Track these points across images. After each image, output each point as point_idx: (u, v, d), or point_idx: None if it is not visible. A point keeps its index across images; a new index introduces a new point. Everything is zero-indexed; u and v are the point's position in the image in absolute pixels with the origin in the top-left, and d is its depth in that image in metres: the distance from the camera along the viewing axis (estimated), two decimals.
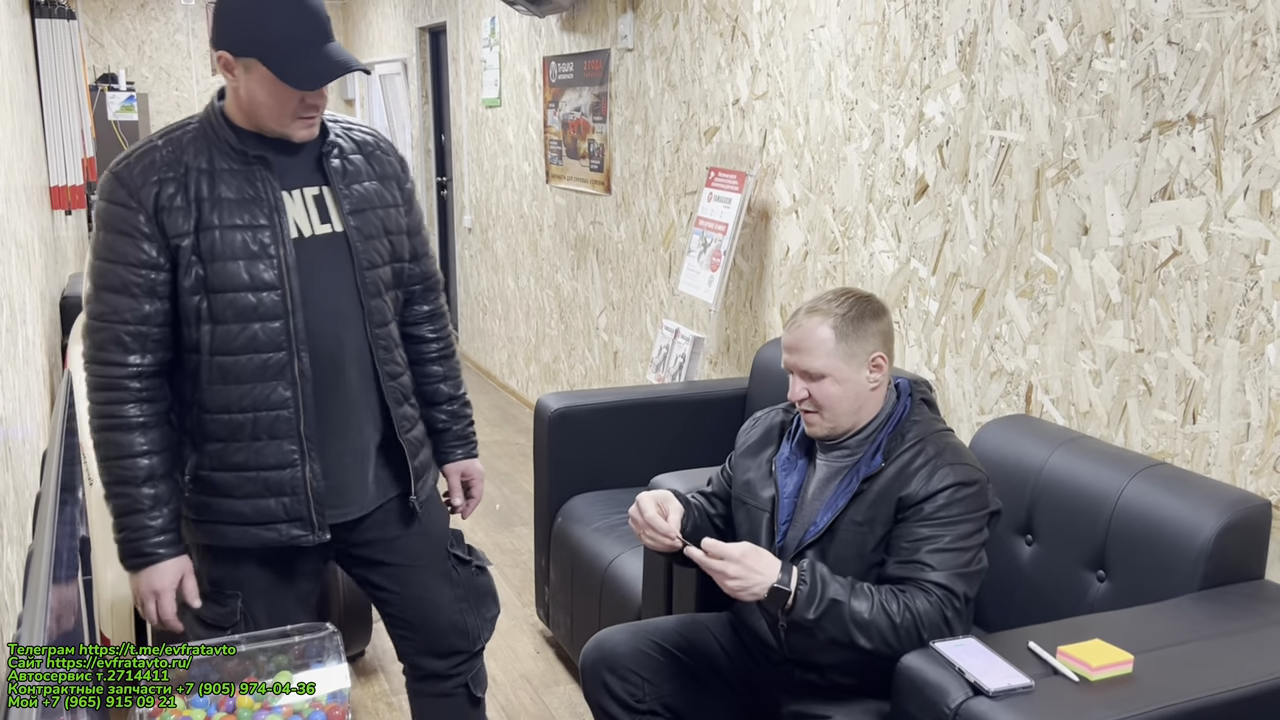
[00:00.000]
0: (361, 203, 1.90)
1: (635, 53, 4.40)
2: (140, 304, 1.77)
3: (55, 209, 5.47)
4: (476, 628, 2.15)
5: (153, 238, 1.75)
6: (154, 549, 1.82)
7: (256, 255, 1.78)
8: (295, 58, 1.73)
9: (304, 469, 1.86)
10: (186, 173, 1.77)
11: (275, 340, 1.81)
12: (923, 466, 1.84)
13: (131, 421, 1.79)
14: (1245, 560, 1.90)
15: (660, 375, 3.84)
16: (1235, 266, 2.01)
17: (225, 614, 1.93)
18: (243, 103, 1.79)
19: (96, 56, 10.05)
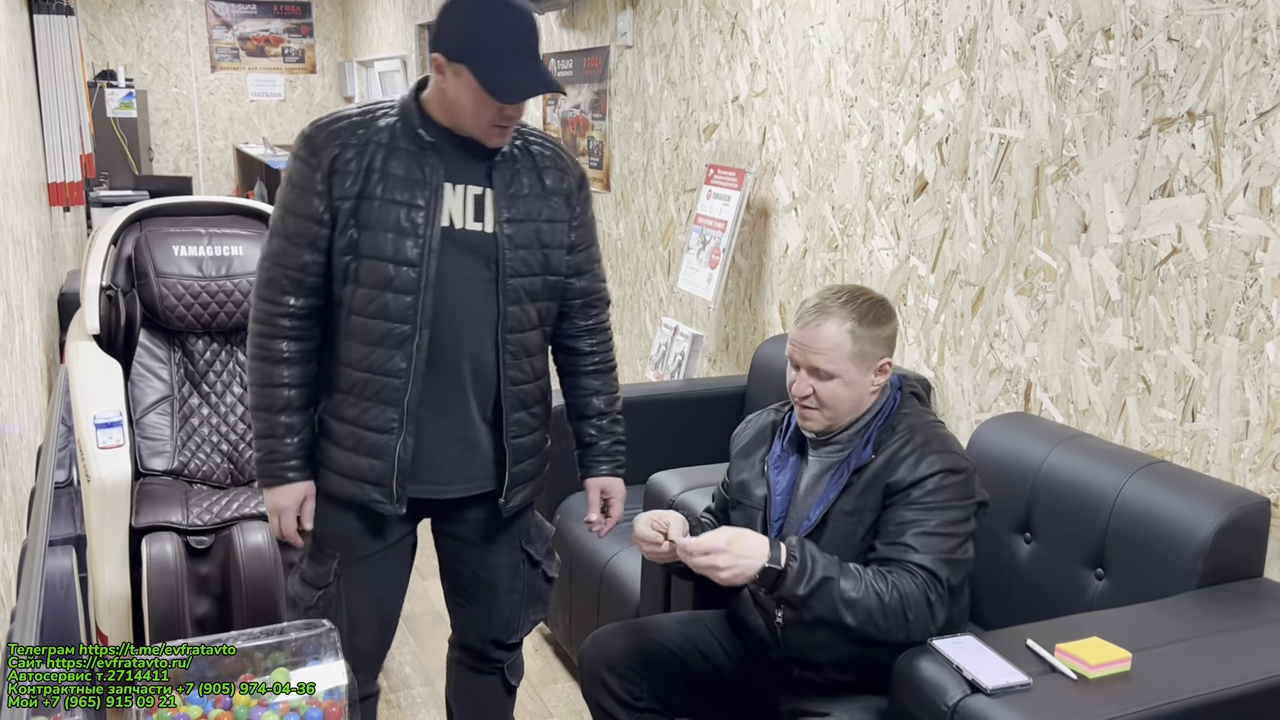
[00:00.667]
0: (520, 212, 1.97)
1: (635, 50, 4.39)
2: (302, 253, 1.93)
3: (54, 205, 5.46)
4: (518, 623, 2.22)
5: (323, 195, 1.91)
6: (283, 471, 1.99)
7: (406, 232, 1.90)
8: (501, 71, 1.84)
9: (398, 439, 1.96)
10: (366, 144, 1.92)
11: (402, 313, 1.91)
12: (911, 454, 1.84)
13: (279, 355, 1.96)
14: (1244, 558, 1.90)
15: (659, 373, 3.84)
16: (1235, 264, 2.00)
17: (322, 573, 2.06)
18: (446, 102, 1.91)
19: (96, 53, 10.03)
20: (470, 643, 2.24)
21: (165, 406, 3.20)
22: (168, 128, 10.51)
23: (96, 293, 3.14)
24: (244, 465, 3.20)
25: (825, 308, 1.89)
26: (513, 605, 2.20)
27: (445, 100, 1.91)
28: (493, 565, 2.16)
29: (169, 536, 2.75)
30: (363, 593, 2.07)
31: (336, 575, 2.05)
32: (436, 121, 1.93)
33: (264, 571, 2.74)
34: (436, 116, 1.93)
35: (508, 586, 2.18)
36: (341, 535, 2.05)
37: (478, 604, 2.19)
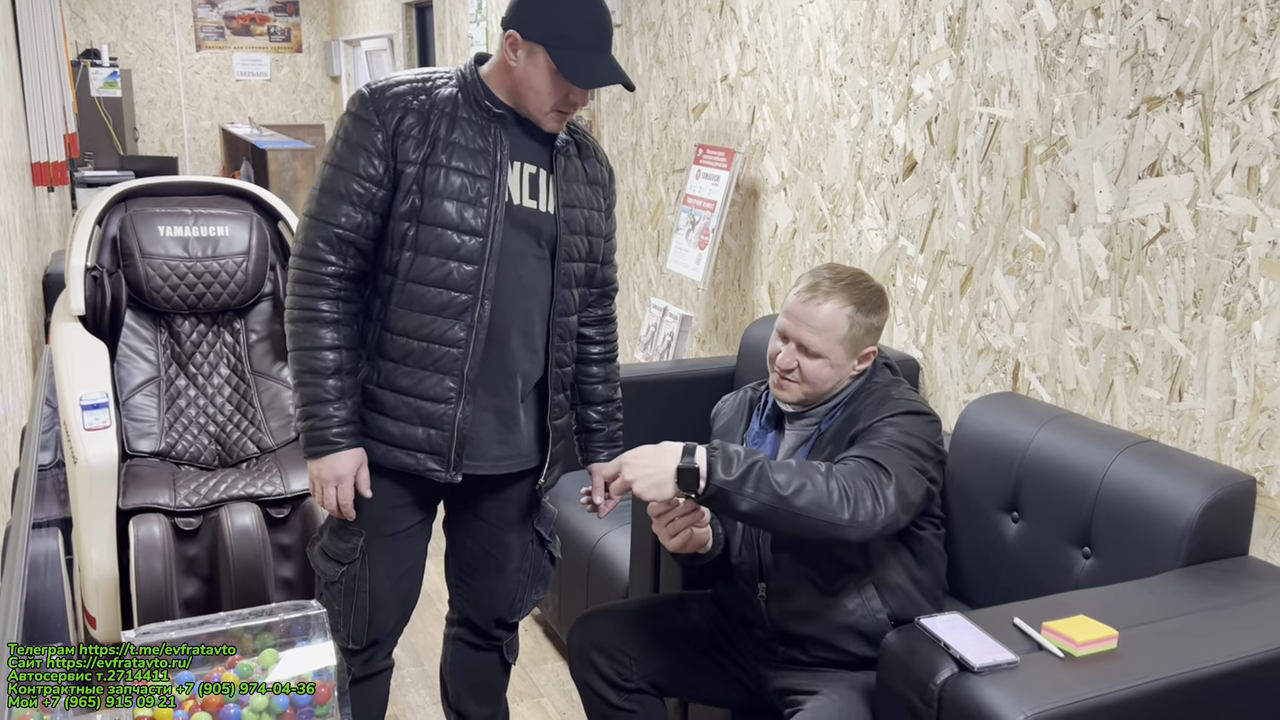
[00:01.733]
0: (573, 198, 2.02)
1: (623, 29, 4.37)
2: (356, 213, 1.91)
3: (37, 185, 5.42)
4: (521, 602, 2.24)
5: (385, 156, 1.90)
6: (337, 438, 1.95)
7: (471, 201, 1.91)
8: (579, 57, 1.88)
9: (457, 408, 1.97)
10: (431, 109, 1.92)
11: (466, 283, 1.92)
12: (875, 405, 1.89)
13: (326, 316, 1.93)
14: (1230, 536, 1.91)
15: (648, 354, 3.83)
16: (1223, 244, 2.01)
17: (347, 549, 2.06)
18: (513, 80, 1.94)
19: (79, 32, 9.93)
20: (472, 619, 2.25)
21: (152, 388, 3.19)
22: (153, 107, 10.43)
23: (81, 273, 3.12)
24: (231, 446, 3.19)
25: (827, 287, 1.90)
26: (518, 585, 2.21)
27: (512, 78, 1.94)
28: (505, 544, 2.18)
29: (156, 518, 2.75)
30: (386, 569, 2.08)
31: (362, 552, 2.05)
32: (498, 97, 1.96)
33: (252, 553, 2.73)
34: (496, 90, 1.96)
35: (516, 565, 2.19)
36: (369, 511, 2.04)
37: (483, 581, 2.20)
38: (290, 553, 2.88)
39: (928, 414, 1.92)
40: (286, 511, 2.89)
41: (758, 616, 1.99)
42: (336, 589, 2.07)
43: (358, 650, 2.11)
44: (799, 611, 1.91)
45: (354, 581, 2.06)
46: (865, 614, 1.90)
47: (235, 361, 3.30)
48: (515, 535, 2.18)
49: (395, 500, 2.05)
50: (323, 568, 2.09)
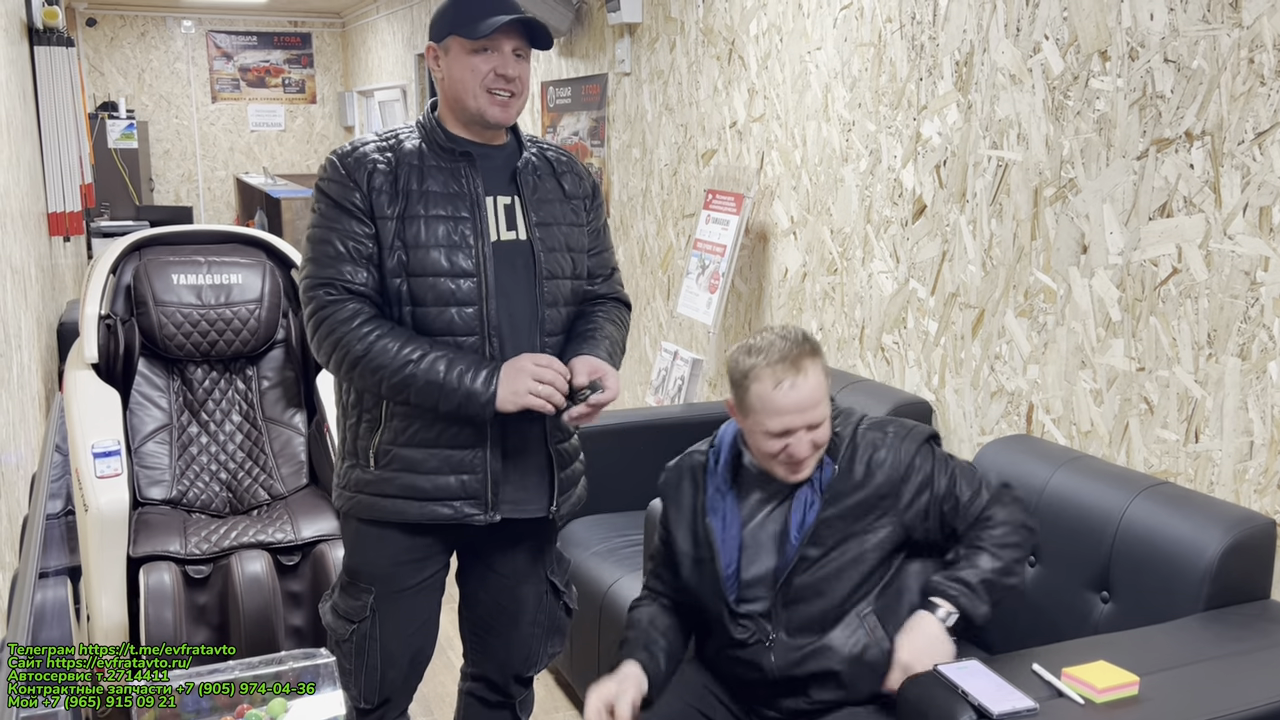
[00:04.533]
0: (547, 217, 2.01)
1: (633, 77, 4.41)
2: (358, 270, 1.90)
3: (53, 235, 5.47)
4: (537, 655, 2.19)
5: (366, 213, 1.90)
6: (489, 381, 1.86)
7: (456, 245, 1.91)
8: (477, 19, 1.89)
9: (485, 450, 1.95)
10: (398, 164, 1.92)
11: (469, 325, 1.92)
12: (886, 450, 1.85)
13: (376, 335, 1.87)
14: (1250, 580, 1.88)
15: (659, 398, 3.83)
16: (1236, 284, 2.00)
17: (357, 607, 2.03)
18: (447, 93, 1.96)
19: (97, 85, 10.09)
20: (487, 674, 2.20)
21: (164, 435, 3.19)
22: (168, 158, 10.55)
23: (95, 321, 3.13)
24: (242, 494, 3.18)
25: (796, 360, 1.80)
26: (533, 638, 2.17)
27: (447, 92, 1.96)
28: (518, 596, 2.13)
29: (167, 566, 2.73)
30: (396, 626, 2.04)
31: (372, 610, 2.02)
32: (456, 134, 1.97)
33: (262, 601, 2.72)
34: (448, 124, 1.97)
35: (530, 618, 2.15)
36: (379, 569, 2.02)
37: (497, 635, 2.16)
38: (300, 600, 2.86)
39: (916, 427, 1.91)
40: (297, 559, 2.87)
41: (761, 669, 1.90)
42: (347, 647, 2.04)
43: (369, 709, 2.08)
44: (809, 653, 1.86)
45: (364, 640, 2.03)
46: (873, 642, 1.85)
47: (247, 408, 3.30)
48: (529, 587, 2.14)
49: (404, 556, 2.02)
50: (334, 626, 2.06)
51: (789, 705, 1.92)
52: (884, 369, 2.97)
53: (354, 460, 2.00)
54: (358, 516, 2.02)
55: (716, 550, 1.89)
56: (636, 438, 3.16)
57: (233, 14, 10.48)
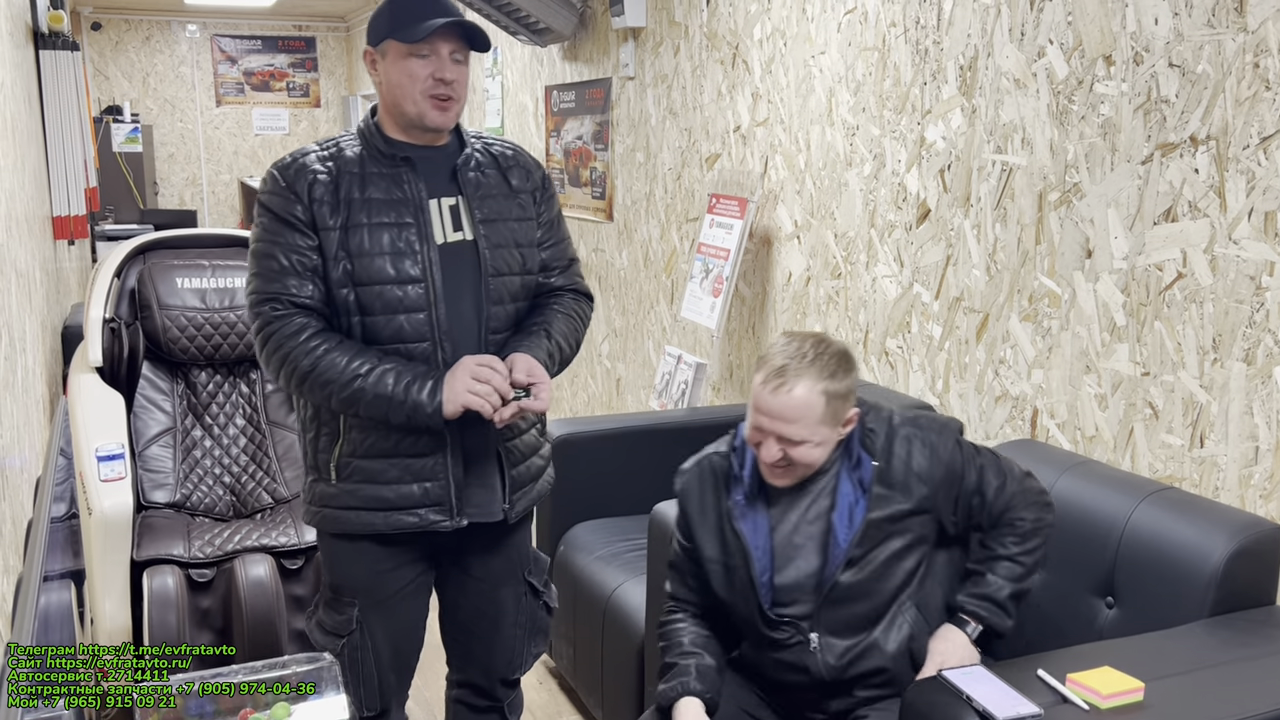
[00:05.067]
0: (491, 213, 1.99)
1: (637, 81, 4.41)
2: (304, 283, 1.88)
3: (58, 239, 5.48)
4: (520, 657, 2.19)
5: (309, 224, 1.88)
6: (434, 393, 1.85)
7: (402, 252, 1.89)
8: (415, 23, 1.87)
9: (445, 455, 1.94)
10: (339, 174, 1.91)
11: (420, 331, 1.90)
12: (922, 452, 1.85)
13: (324, 350, 1.86)
14: (1256, 586, 1.87)
15: (663, 402, 3.82)
16: (1241, 288, 1.99)
17: (343, 621, 2.03)
18: (385, 98, 1.94)
19: (102, 89, 10.11)
20: (473, 680, 2.21)
21: (168, 439, 3.19)
22: (173, 162, 10.57)
23: (99, 325, 3.14)
24: (246, 497, 3.18)
25: (792, 369, 1.77)
26: (515, 639, 2.17)
27: (385, 97, 1.94)
28: (497, 599, 2.13)
29: (170, 569, 2.73)
30: (385, 634, 2.04)
31: (359, 622, 2.02)
32: (396, 139, 1.95)
33: (266, 604, 2.72)
34: (387, 129, 1.96)
35: (511, 620, 2.15)
36: (360, 581, 2.01)
37: (479, 640, 2.16)
38: (304, 604, 2.85)
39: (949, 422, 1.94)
40: (300, 563, 2.87)
41: (807, 671, 1.88)
42: (340, 661, 2.02)
43: (372, 717, 2.07)
44: (859, 652, 1.85)
45: (356, 651, 2.03)
46: (917, 633, 1.86)
47: (251, 412, 3.31)
48: (507, 589, 2.13)
49: (383, 565, 2.01)
50: (322, 642, 2.04)
51: (836, 706, 1.91)
52: (888, 373, 2.97)
53: (317, 474, 1.99)
54: (328, 531, 2.01)
55: (751, 557, 1.86)
56: (640, 442, 3.16)
57: (237, 18, 10.50)
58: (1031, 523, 1.89)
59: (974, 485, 1.88)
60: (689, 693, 1.87)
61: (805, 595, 1.85)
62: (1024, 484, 1.91)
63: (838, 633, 1.86)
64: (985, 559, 1.90)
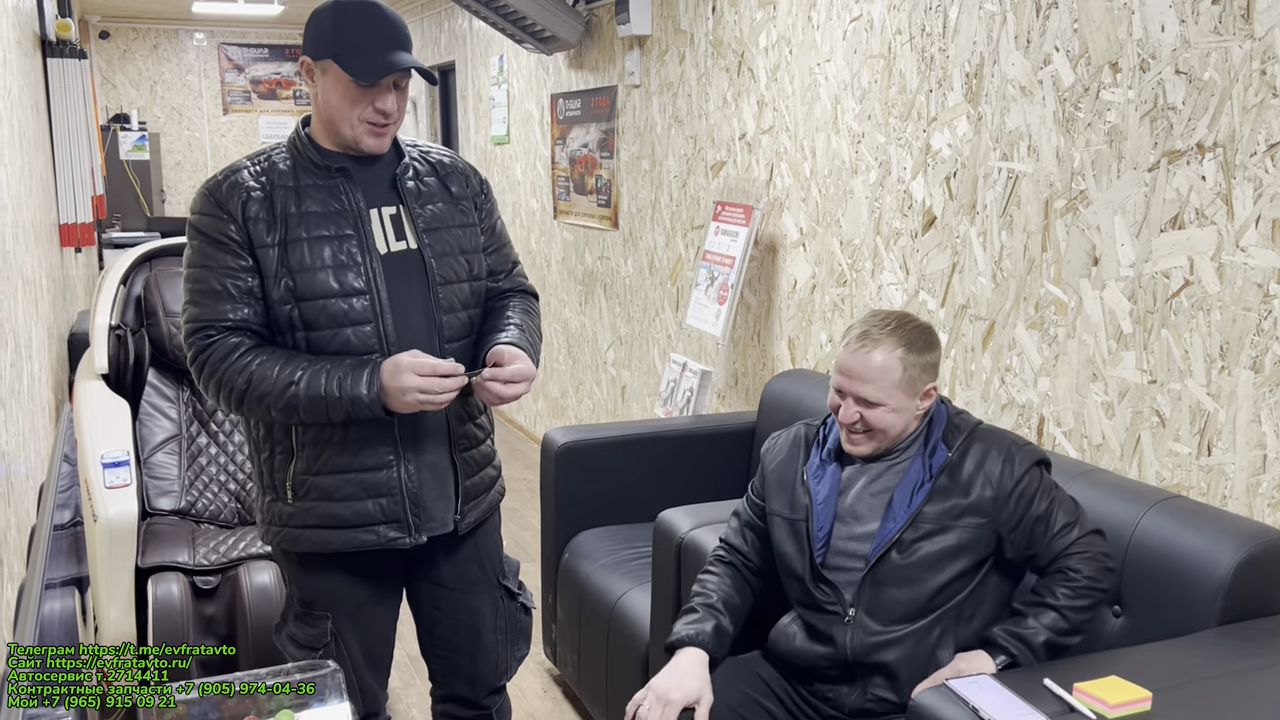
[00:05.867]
0: (435, 221, 1.96)
1: (642, 89, 4.42)
2: (239, 307, 1.84)
3: (65, 246, 5.49)
4: (505, 662, 2.17)
5: (244, 245, 1.84)
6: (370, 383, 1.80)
7: (344, 265, 1.86)
8: (363, 55, 1.81)
9: (399, 470, 1.92)
10: (273, 189, 1.86)
11: (367, 343, 1.87)
12: (998, 460, 1.89)
13: (256, 364, 1.82)
14: (1264, 595, 1.86)
15: (668, 409, 3.82)
16: (1248, 296, 1.99)
17: (316, 635, 2.00)
18: (320, 111, 1.89)
19: (109, 97, 10.14)
20: (459, 693, 2.17)
21: (173, 446, 3.19)
22: (180, 169, 10.60)
23: (105, 332, 3.14)
24: (251, 504, 3.18)
25: (873, 335, 1.90)
26: (498, 646, 2.14)
27: (319, 109, 1.89)
28: (474, 607, 2.10)
29: (175, 577, 2.74)
30: (359, 643, 2.03)
31: (333, 634, 2.00)
32: (329, 149, 1.90)
33: (270, 611, 2.71)
34: (321, 140, 1.91)
35: (490, 626, 2.13)
36: (330, 594, 1.99)
37: (461, 651, 2.13)
38: None
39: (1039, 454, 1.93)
40: None
41: (834, 643, 1.91)
42: None
43: None
44: (886, 641, 1.87)
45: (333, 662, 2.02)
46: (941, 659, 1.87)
47: None
48: (482, 595, 2.11)
49: (352, 577, 1.99)
50: (296, 656, 2.01)
51: (848, 698, 1.92)
52: None
53: (274, 494, 1.96)
54: (287, 550, 1.99)
55: (813, 510, 1.94)
56: (645, 450, 3.15)
57: (245, 26, 10.53)
58: (1086, 579, 1.85)
59: (1041, 512, 1.88)
60: (699, 645, 1.95)
61: (854, 562, 1.91)
62: (1092, 539, 1.89)
63: (874, 614, 1.89)
64: (1032, 603, 1.88)
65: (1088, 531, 1.89)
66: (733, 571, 2.09)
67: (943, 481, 1.89)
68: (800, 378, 3.16)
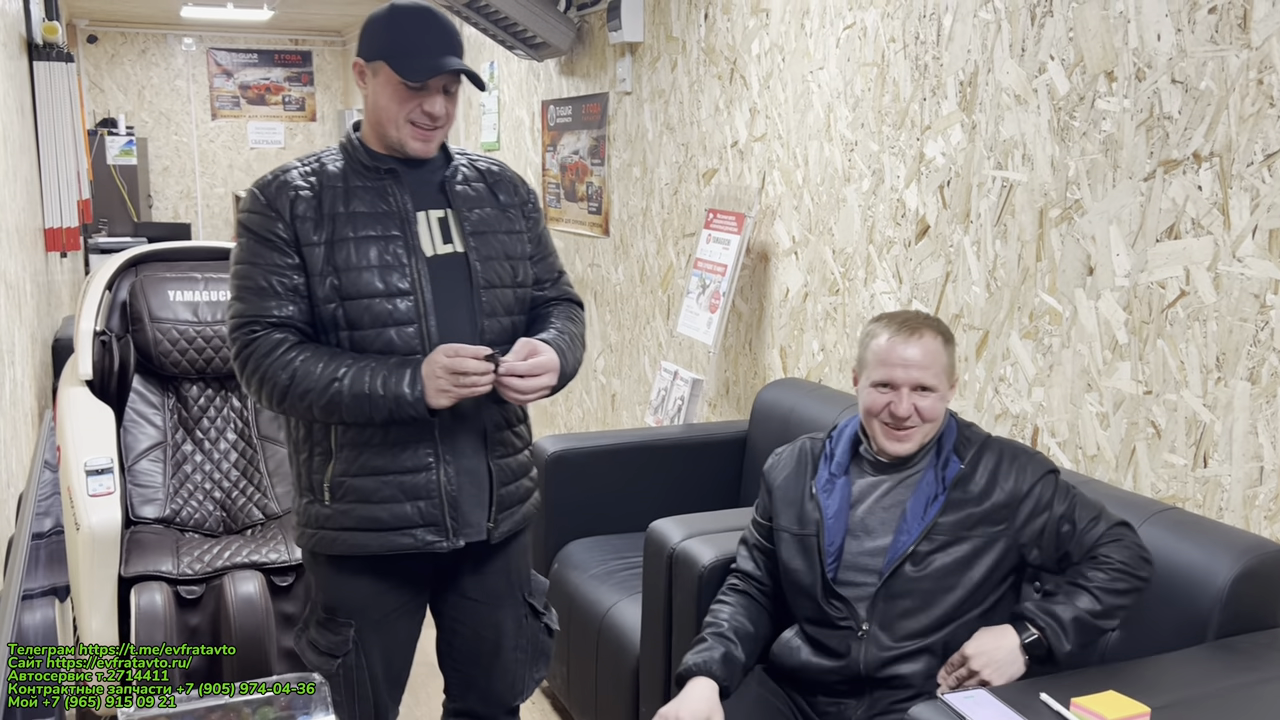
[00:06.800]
0: (481, 226, 1.97)
1: (634, 96, 4.40)
2: (284, 304, 1.86)
3: (50, 251, 5.45)
4: (523, 682, 2.14)
5: (290, 243, 1.86)
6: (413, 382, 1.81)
7: (390, 265, 1.87)
8: (413, 57, 1.84)
9: (439, 473, 1.91)
10: (321, 189, 1.89)
11: (410, 344, 1.87)
12: (1009, 469, 1.88)
13: (300, 360, 1.83)
14: (1261, 608, 1.85)
15: (659, 418, 3.80)
16: (1245, 307, 1.97)
17: (339, 642, 1.99)
18: (370, 113, 1.92)
19: (97, 101, 10.09)
20: (472, 708, 2.14)
21: (158, 453, 3.16)
22: (168, 175, 10.54)
23: (90, 338, 3.11)
24: (236, 513, 3.15)
25: (913, 324, 1.90)
26: (517, 664, 2.12)
27: (369, 111, 1.92)
28: (496, 622, 2.08)
29: (159, 586, 2.70)
30: (381, 654, 2.01)
31: (355, 643, 1.98)
32: (378, 152, 1.93)
33: (255, 622, 2.68)
34: (370, 142, 1.94)
35: (512, 644, 2.10)
36: (357, 602, 1.98)
37: (479, 666, 2.11)
38: (294, 622, 2.82)
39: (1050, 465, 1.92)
40: (291, 579, 2.83)
41: (845, 658, 1.88)
42: (335, 681, 1.98)
43: None
44: (900, 654, 1.84)
45: (352, 672, 1.99)
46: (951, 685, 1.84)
47: (242, 426, 3.27)
48: (506, 610, 2.09)
49: (381, 585, 1.98)
50: (315, 662, 2.00)
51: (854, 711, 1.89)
52: None
53: (311, 496, 1.96)
54: (323, 553, 1.97)
55: (824, 524, 1.91)
56: (635, 458, 3.13)
57: (234, 31, 10.49)
58: (1120, 564, 1.81)
59: (1064, 512, 1.86)
60: (707, 673, 1.90)
61: (867, 577, 1.88)
62: (1121, 529, 1.86)
63: (888, 628, 1.86)
64: (1065, 584, 1.85)
65: (1115, 523, 1.87)
66: (746, 600, 2.04)
67: (956, 494, 1.87)
68: (792, 386, 3.14)
